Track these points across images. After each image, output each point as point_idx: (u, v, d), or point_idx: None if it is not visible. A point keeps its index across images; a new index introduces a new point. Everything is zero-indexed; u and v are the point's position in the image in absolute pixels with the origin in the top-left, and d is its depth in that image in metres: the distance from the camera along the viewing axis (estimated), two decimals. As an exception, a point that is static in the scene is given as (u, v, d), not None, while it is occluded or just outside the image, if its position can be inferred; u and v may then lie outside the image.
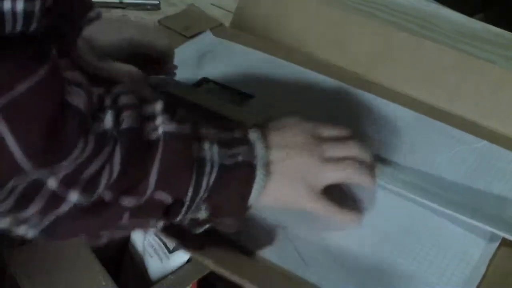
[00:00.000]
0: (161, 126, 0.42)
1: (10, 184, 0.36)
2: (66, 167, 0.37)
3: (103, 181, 0.39)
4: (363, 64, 0.74)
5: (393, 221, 0.52)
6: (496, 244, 0.51)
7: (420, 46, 0.70)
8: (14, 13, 0.32)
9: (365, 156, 0.51)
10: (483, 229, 0.51)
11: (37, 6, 0.33)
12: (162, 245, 0.55)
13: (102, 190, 0.39)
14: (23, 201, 0.37)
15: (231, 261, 0.46)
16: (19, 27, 0.33)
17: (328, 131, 0.52)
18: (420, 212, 0.54)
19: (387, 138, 0.60)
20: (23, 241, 0.59)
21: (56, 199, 0.38)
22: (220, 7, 0.90)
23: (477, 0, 1.34)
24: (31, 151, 0.35)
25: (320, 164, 0.49)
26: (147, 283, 0.55)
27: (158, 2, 0.91)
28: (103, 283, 0.50)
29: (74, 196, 0.38)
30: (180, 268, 0.54)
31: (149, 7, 0.92)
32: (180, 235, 0.47)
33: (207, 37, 0.79)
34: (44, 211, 0.38)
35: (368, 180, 0.51)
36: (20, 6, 0.32)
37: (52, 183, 0.37)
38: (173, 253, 0.54)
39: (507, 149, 0.63)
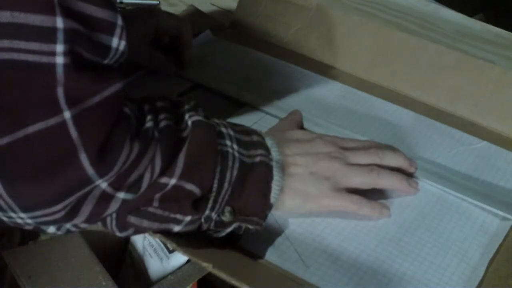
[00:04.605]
0: (189, 119, 0.45)
1: (74, 197, 0.38)
2: (116, 171, 0.39)
3: (146, 181, 0.42)
4: (363, 64, 0.74)
5: (393, 221, 0.52)
6: (497, 245, 0.51)
7: (420, 46, 0.70)
8: (117, 49, 0.39)
9: (391, 162, 0.53)
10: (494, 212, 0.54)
11: (127, 47, 0.40)
12: (162, 245, 0.55)
13: (145, 188, 0.42)
14: (73, 212, 0.40)
15: (230, 263, 0.46)
16: (113, 61, 0.40)
17: (350, 143, 0.54)
18: (420, 213, 0.54)
19: (387, 139, 0.60)
20: (23, 241, 0.59)
21: (105, 201, 0.41)
22: (220, 7, 0.90)
23: (477, 0, 1.34)
24: (96, 160, 0.38)
25: (344, 167, 0.51)
26: (147, 283, 0.55)
27: (158, 2, 0.91)
28: (103, 283, 0.50)
29: (121, 196, 0.41)
30: (180, 268, 0.54)
31: (149, 7, 0.92)
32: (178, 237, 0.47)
33: (207, 37, 0.79)
34: (90, 218, 0.41)
35: (395, 184, 0.53)
36: (122, 45, 0.40)
37: (103, 187, 0.40)
38: (173, 253, 0.54)
39: (507, 149, 0.63)
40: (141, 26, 0.67)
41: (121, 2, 0.90)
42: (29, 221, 0.39)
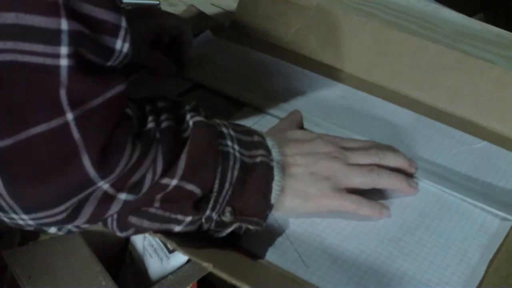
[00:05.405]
0: (191, 120, 0.45)
1: (76, 198, 0.38)
2: (118, 172, 0.39)
3: (148, 182, 0.42)
4: (363, 64, 0.74)
5: (393, 221, 0.52)
6: (497, 245, 0.51)
7: (420, 46, 0.70)
8: (120, 51, 0.39)
9: (391, 162, 0.53)
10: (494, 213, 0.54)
11: (131, 49, 0.40)
12: (162, 245, 0.55)
13: (147, 189, 0.42)
14: (74, 213, 0.40)
15: (230, 263, 0.46)
16: (116, 63, 0.40)
17: (350, 143, 0.54)
18: (420, 213, 0.54)
19: (387, 139, 0.60)
20: (23, 241, 0.59)
21: (106, 202, 0.41)
22: (220, 7, 0.90)
23: (477, 0, 1.34)
24: (98, 162, 0.38)
25: (344, 167, 0.51)
26: (147, 283, 0.55)
27: (158, 2, 0.91)
28: (103, 283, 0.50)
29: (122, 197, 0.41)
30: (180, 268, 0.54)
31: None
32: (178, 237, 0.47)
33: (207, 37, 0.79)
34: (91, 219, 0.41)
35: (394, 184, 0.53)
36: (126, 47, 0.40)
37: (105, 188, 0.40)
38: (173, 253, 0.54)
39: (507, 149, 0.63)
40: (141, 26, 0.67)
41: (121, 2, 0.90)
42: (30, 222, 0.39)
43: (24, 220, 0.39)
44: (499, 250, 0.51)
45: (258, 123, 0.63)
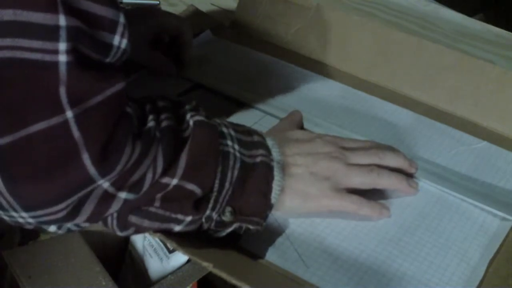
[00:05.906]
0: (191, 119, 0.45)
1: (77, 196, 0.38)
2: (119, 171, 0.39)
3: (148, 181, 0.42)
4: (363, 64, 0.74)
5: (393, 221, 0.52)
6: (497, 245, 0.51)
7: (420, 46, 0.70)
8: (118, 47, 0.39)
9: (391, 162, 0.53)
10: (494, 213, 0.54)
11: (129, 45, 0.40)
12: (162, 245, 0.55)
13: (147, 188, 0.42)
14: (74, 211, 0.40)
15: (230, 263, 0.46)
16: (115, 59, 0.40)
17: (350, 143, 0.54)
18: (420, 213, 0.54)
19: (387, 139, 0.60)
20: (23, 241, 0.59)
21: (106, 201, 0.41)
22: (220, 7, 0.90)
23: (477, 0, 1.34)
24: (98, 160, 0.38)
25: (344, 167, 0.51)
26: (147, 283, 0.55)
27: (158, 2, 0.91)
28: (103, 283, 0.50)
29: (122, 195, 0.41)
30: (180, 268, 0.54)
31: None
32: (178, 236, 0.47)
33: (207, 37, 0.79)
34: (91, 217, 0.41)
35: (394, 184, 0.53)
36: (124, 43, 0.40)
37: (105, 187, 0.40)
38: (173, 253, 0.54)
39: (507, 149, 0.63)
40: (141, 26, 0.67)
41: (121, 2, 0.90)
42: (30, 220, 0.39)
43: (24, 218, 0.39)
44: (499, 250, 0.51)
45: (258, 123, 0.63)
